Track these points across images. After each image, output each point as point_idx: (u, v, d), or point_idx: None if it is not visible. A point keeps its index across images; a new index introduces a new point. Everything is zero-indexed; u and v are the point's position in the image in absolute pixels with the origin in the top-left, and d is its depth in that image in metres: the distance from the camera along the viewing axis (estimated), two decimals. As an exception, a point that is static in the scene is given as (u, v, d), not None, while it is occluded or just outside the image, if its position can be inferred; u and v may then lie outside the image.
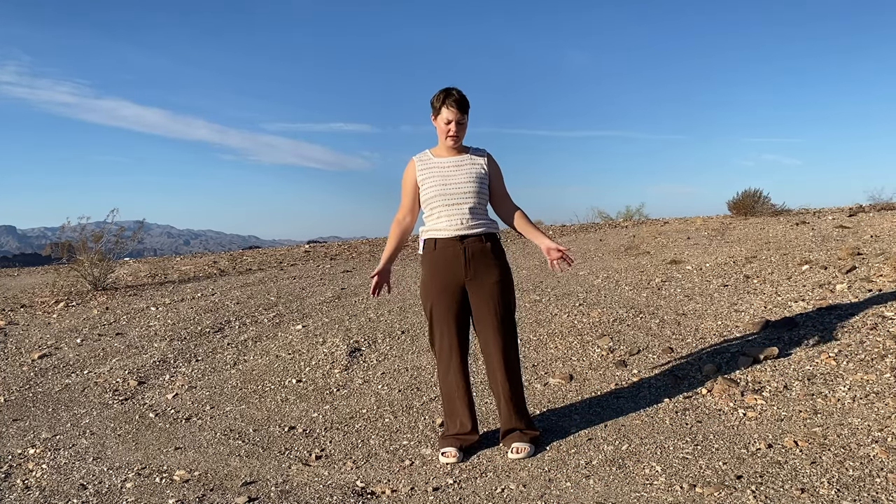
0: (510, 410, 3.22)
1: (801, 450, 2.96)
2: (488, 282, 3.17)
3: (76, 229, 7.85)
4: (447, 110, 3.13)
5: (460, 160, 3.23)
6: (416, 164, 3.27)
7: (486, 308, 3.18)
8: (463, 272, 3.17)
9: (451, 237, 3.17)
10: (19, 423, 3.91)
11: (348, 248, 10.94)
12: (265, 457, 3.32)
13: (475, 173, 3.20)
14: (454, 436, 3.24)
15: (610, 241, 8.99)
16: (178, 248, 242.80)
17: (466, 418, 3.26)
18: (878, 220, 7.85)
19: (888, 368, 3.62)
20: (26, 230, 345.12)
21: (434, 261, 3.21)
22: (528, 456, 3.13)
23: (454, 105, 3.12)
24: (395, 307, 5.89)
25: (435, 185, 3.18)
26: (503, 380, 3.21)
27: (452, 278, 3.18)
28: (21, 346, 5.52)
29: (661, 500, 2.66)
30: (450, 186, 3.17)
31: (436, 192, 3.18)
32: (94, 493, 2.96)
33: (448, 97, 3.13)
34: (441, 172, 3.21)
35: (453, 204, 3.17)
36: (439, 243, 3.20)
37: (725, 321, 4.73)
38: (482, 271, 3.17)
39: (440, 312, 3.22)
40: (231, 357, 4.97)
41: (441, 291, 3.20)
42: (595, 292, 5.76)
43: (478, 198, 3.18)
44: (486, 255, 3.18)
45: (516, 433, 3.21)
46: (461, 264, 3.16)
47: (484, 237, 3.19)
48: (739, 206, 10.37)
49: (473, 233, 3.17)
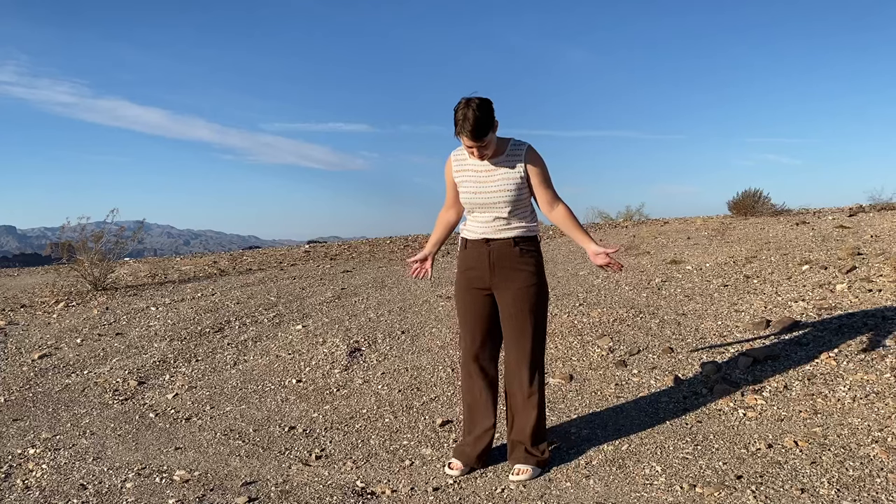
0: (524, 425, 3.01)
1: (801, 450, 2.96)
2: (513, 287, 2.97)
3: (76, 229, 7.85)
4: (464, 138, 2.86)
5: (496, 165, 2.96)
6: (453, 162, 3.06)
7: (510, 315, 2.99)
8: (488, 275, 3.00)
9: (480, 239, 3.01)
10: (19, 423, 3.91)
11: (348, 248, 10.94)
12: (265, 457, 3.32)
13: (510, 179, 2.93)
14: (464, 447, 3.07)
15: (610, 241, 8.99)
16: (178, 248, 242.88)
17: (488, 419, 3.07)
18: (878, 220, 7.85)
19: (888, 368, 3.62)
20: (26, 230, 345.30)
21: (463, 260, 3.08)
22: (530, 478, 2.93)
23: (468, 136, 2.82)
24: (395, 307, 5.89)
25: (468, 192, 3.00)
26: (522, 390, 3.00)
27: (478, 280, 3.02)
28: (21, 346, 5.52)
29: (661, 500, 2.66)
30: (481, 195, 2.96)
31: (468, 199, 3.01)
32: (94, 493, 2.96)
33: (463, 127, 2.80)
34: (475, 178, 2.99)
35: (485, 210, 2.98)
36: (469, 244, 3.05)
37: (725, 321, 4.73)
38: (508, 276, 2.97)
39: (463, 314, 3.09)
40: (231, 357, 4.97)
41: (466, 292, 3.06)
42: (595, 292, 5.76)
43: (512, 205, 2.94)
44: (514, 259, 2.96)
45: (522, 452, 3.02)
46: (486, 267, 2.99)
47: (514, 241, 2.97)
48: (739, 206, 10.37)
49: (502, 236, 2.97)
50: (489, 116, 2.81)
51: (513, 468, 2.98)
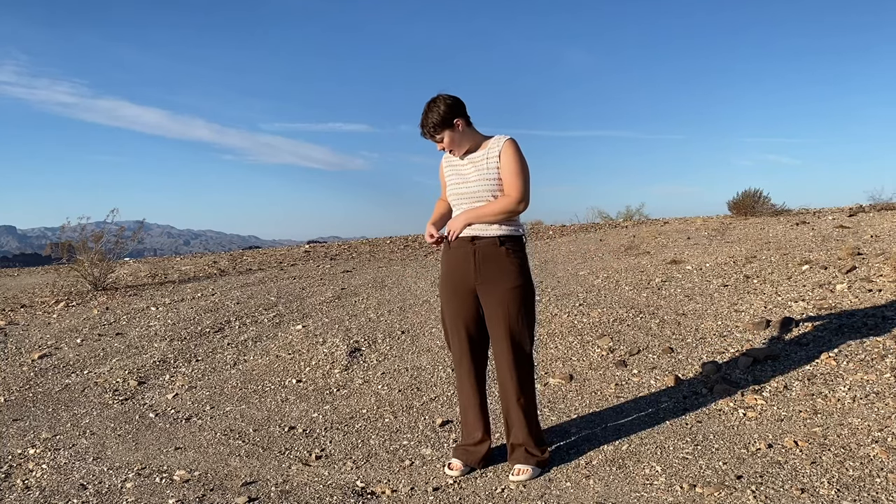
0: (518, 427, 2.99)
1: (801, 450, 2.96)
2: (500, 288, 2.92)
3: (76, 229, 7.86)
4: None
5: (476, 158, 3.00)
6: (444, 159, 3.14)
7: (496, 316, 2.95)
8: (473, 275, 2.97)
9: (465, 237, 2.98)
10: (19, 423, 3.91)
11: (348, 248, 10.94)
12: (265, 457, 3.32)
13: (486, 171, 2.95)
14: (464, 447, 3.08)
15: (610, 241, 8.99)
16: (178, 248, 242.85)
17: (478, 430, 3.07)
18: (878, 220, 7.85)
19: (888, 368, 3.62)
20: (26, 230, 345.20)
21: (447, 261, 3.06)
22: (530, 478, 2.92)
23: (421, 132, 2.99)
24: (395, 307, 5.89)
25: (451, 185, 3.05)
26: (512, 393, 2.98)
27: (462, 281, 3.00)
28: (21, 346, 5.52)
29: (661, 500, 2.66)
30: (462, 186, 3.00)
31: (451, 192, 3.04)
32: (94, 493, 2.96)
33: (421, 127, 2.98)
34: (458, 171, 3.05)
35: (467, 205, 2.99)
36: (453, 242, 3.02)
37: (725, 321, 4.73)
38: (493, 276, 2.93)
39: (451, 316, 3.07)
40: (231, 357, 4.97)
41: (452, 294, 3.04)
42: (595, 292, 5.76)
43: (492, 197, 2.94)
44: (500, 259, 2.93)
45: (522, 452, 2.99)
46: (471, 267, 2.96)
47: (500, 240, 2.93)
48: (739, 206, 10.37)
49: (487, 234, 2.95)
50: (442, 116, 2.92)
51: (513, 468, 2.97)
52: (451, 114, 2.93)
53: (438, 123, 2.93)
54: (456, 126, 2.95)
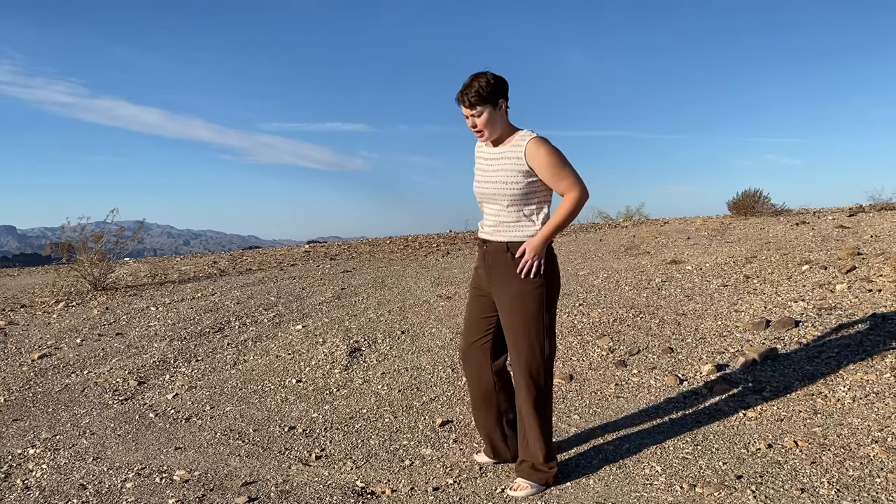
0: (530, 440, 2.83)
1: (801, 450, 2.96)
2: (508, 294, 2.77)
3: (76, 229, 7.86)
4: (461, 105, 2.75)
5: (500, 154, 2.78)
6: (476, 148, 2.93)
7: (505, 324, 2.82)
8: (485, 278, 2.87)
9: (481, 238, 2.89)
10: (19, 423, 3.91)
11: (348, 248, 10.94)
12: (265, 457, 3.32)
13: (509, 170, 2.73)
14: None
15: (610, 241, 8.99)
16: (178, 248, 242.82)
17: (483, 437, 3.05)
18: (878, 220, 7.85)
19: (888, 368, 3.62)
20: (26, 230, 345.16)
21: (477, 257, 2.98)
22: (527, 496, 2.76)
23: (459, 97, 2.73)
24: (395, 307, 5.89)
25: (476, 179, 2.88)
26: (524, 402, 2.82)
27: (479, 280, 2.93)
28: (21, 346, 5.52)
29: (661, 500, 2.66)
30: (482, 185, 2.82)
31: (475, 186, 2.88)
32: (94, 493, 2.96)
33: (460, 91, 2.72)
34: (482, 165, 2.85)
35: (485, 202, 2.85)
36: (479, 241, 2.92)
37: (725, 321, 4.74)
38: (502, 282, 2.79)
39: (467, 309, 3.01)
40: (231, 357, 4.97)
41: (472, 289, 2.98)
42: (595, 292, 5.76)
43: (510, 200, 2.74)
44: (507, 265, 2.76)
45: (527, 468, 2.84)
46: (484, 269, 2.87)
47: (508, 246, 2.76)
48: (739, 206, 10.37)
49: (495, 240, 2.81)
50: (489, 88, 2.68)
51: (514, 480, 2.86)
52: (498, 90, 2.70)
53: (483, 94, 2.68)
54: (499, 105, 2.72)
